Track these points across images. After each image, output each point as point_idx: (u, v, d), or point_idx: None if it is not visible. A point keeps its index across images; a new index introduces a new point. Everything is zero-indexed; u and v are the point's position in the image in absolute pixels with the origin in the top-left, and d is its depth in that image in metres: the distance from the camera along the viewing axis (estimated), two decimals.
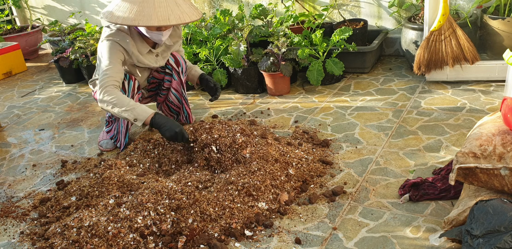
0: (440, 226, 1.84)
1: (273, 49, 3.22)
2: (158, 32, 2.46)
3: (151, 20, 2.30)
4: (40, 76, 4.49)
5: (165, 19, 2.32)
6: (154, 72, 2.82)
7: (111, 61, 2.47)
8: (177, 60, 2.77)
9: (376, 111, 2.90)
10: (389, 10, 3.72)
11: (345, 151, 2.49)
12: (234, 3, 4.22)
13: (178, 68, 2.77)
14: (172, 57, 2.77)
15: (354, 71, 3.58)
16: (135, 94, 2.68)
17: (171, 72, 2.77)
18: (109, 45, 2.49)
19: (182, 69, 2.79)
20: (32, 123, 3.37)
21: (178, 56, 2.79)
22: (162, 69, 2.79)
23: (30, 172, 2.67)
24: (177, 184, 2.12)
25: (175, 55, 2.78)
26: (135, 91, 2.66)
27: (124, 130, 2.72)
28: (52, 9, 5.27)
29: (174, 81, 2.79)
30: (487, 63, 3.05)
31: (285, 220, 1.99)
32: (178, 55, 2.80)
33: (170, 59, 2.76)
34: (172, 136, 2.35)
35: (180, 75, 2.79)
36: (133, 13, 2.32)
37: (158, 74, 2.82)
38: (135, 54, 2.56)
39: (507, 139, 1.66)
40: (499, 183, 1.60)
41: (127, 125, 2.72)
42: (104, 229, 1.91)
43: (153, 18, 2.30)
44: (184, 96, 2.85)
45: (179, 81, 2.80)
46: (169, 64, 2.77)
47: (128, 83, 2.60)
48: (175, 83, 2.80)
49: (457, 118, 2.68)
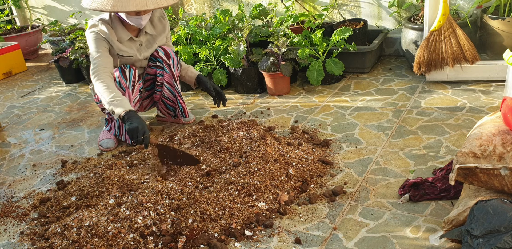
0: (440, 226, 1.84)
1: (273, 49, 3.22)
2: (138, 16, 2.54)
3: (129, 5, 2.39)
4: (40, 76, 4.49)
5: (143, 4, 2.40)
6: (147, 69, 2.84)
7: (98, 50, 2.57)
8: (167, 52, 2.79)
9: (376, 111, 2.90)
10: (389, 10, 3.72)
11: (345, 151, 2.49)
12: (234, 3, 4.22)
13: (168, 60, 2.78)
14: (162, 50, 2.79)
15: (354, 71, 3.58)
16: (136, 83, 2.69)
17: (162, 65, 2.79)
18: (93, 36, 2.59)
19: (173, 61, 2.80)
20: (32, 123, 3.37)
21: (168, 49, 2.81)
22: (153, 63, 2.80)
23: (30, 172, 2.67)
24: (177, 184, 2.12)
25: (164, 48, 2.80)
26: (135, 79, 2.67)
27: None
28: (52, 9, 5.27)
29: (166, 74, 2.81)
30: (487, 63, 3.05)
31: (285, 220, 1.99)
32: (167, 48, 2.82)
33: (159, 52, 2.78)
34: (131, 129, 2.31)
35: (171, 68, 2.80)
36: (111, 0, 2.40)
37: (150, 70, 2.84)
38: (115, 43, 2.62)
39: (507, 139, 1.66)
40: (499, 183, 1.60)
41: None
42: (104, 229, 1.91)
43: (131, 3, 2.39)
44: (177, 89, 2.85)
45: (171, 75, 2.81)
46: (159, 56, 2.78)
47: (129, 71, 2.63)
48: (167, 77, 2.82)
49: (457, 118, 2.68)
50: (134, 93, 2.70)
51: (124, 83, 2.62)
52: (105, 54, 2.58)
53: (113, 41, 2.62)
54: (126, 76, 2.62)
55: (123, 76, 2.61)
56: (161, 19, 2.80)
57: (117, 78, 2.61)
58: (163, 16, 2.81)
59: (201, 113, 3.19)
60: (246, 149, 2.37)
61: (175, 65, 2.82)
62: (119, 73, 2.62)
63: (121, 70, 2.62)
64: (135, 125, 2.32)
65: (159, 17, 2.79)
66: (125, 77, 2.62)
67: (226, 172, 2.22)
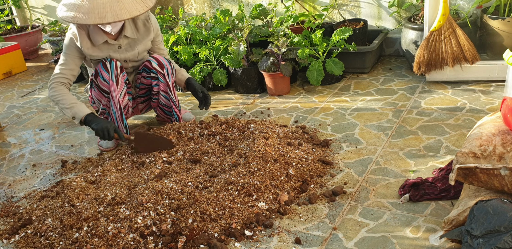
0: (440, 226, 1.84)
1: (273, 49, 3.22)
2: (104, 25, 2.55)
3: (89, 18, 2.40)
4: (40, 76, 4.49)
5: (101, 17, 2.40)
6: (142, 79, 2.83)
7: (66, 58, 2.65)
8: (160, 63, 2.76)
9: (376, 111, 2.90)
10: (389, 10, 3.72)
11: (345, 151, 2.49)
12: (234, 3, 4.22)
13: (163, 70, 2.76)
14: (155, 60, 2.76)
15: (354, 71, 3.58)
16: (119, 74, 2.66)
17: (157, 76, 2.77)
18: (67, 42, 2.65)
19: (167, 71, 2.78)
20: (32, 123, 3.37)
21: (160, 58, 2.78)
22: (147, 74, 2.79)
23: (30, 172, 2.67)
24: (177, 184, 2.12)
25: (157, 58, 2.77)
26: (118, 71, 2.65)
27: (119, 115, 2.72)
28: (52, 9, 5.27)
29: (162, 84, 2.79)
30: (487, 63, 3.05)
31: (285, 220, 1.99)
32: (160, 57, 2.79)
33: (152, 63, 2.76)
34: (98, 129, 2.49)
35: (166, 77, 2.78)
36: (74, 11, 2.43)
37: (145, 80, 2.83)
38: (85, 51, 2.63)
39: (507, 139, 1.66)
40: (499, 183, 1.60)
41: (119, 109, 2.71)
42: (104, 229, 1.91)
43: (90, 16, 2.39)
44: (172, 98, 2.84)
45: (166, 84, 2.79)
46: (152, 68, 2.76)
47: (109, 63, 2.63)
48: (162, 86, 2.80)
49: (457, 118, 2.68)
50: (120, 85, 2.67)
51: (106, 75, 2.62)
52: (71, 63, 2.64)
53: (83, 48, 2.62)
54: (108, 68, 2.62)
55: (105, 69, 2.62)
56: (145, 23, 2.75)
57: (99, 71, 2.62)
58: (148, 20, 2.75)
59: (201, 113, 3.19)
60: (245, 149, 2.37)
61: (169, 74, 2.80)
62: (100, 66, 2.63)
63: (102, 64, 2.63)
64: (101, 125, 2.47)
65: (143, 20, 2.74)
66: (106, 70, 2.62)
67: (226, 171, 2.22)
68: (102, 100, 2.73)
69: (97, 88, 2.70)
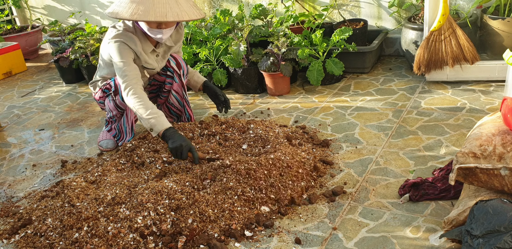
0: (440, 226, 1.84)
1: (273, 49, 3.22)
2: (158, 30, 2.44)
3: (149, 15, 2.31)
4: (40, 76, 4.49)
5: (162, 15, 2.32)
6: (156, 75, 2.81)
7: (125, 61, 2.46)
8: (178, 62, 2.76)
9: (376, 111, 2.90)
10: (389, 10, 3.72)
11: (345, 151, 2.49)
12: (234, 3, 4.22)
13: (179, 70, 2.76)
14: (174, 59, 2.76)
15: (354, 71, 3.58)
16: None
17: (173, 75, 2.77)
18: (119, 46, 2.48)
19: (183, 71, 2.79)
20: (32, 123, 3.37)
21: (179, 58, 2.78)
22: (164, 72, 2.79)
23: (30, 172, 2.67)
24: (177, 184, 2.12)
25: (176, 58, 2.77)
26: None
27: (129, 130, 2.76)
28: (52, 9, 5.27)
29: (175, 83, 2.79)
30: (487, 63, 3.05)
31: (285, 220, 1.99)
32: (179, 57, 2.79)
33: (171, 62, 2.75)
34: (174, 148, 2.27)
35: (181, 77, 2.78)
36: (132, 8, 2.33)
37: (159, 77, 2.82)
38: (142, 55, 2.55)
39: (507, 139, 1.66)
40: (499, 183, 1.60)
41: (131, 126, 2.75)
42: (104, 229, 1.91)
43: (150, 13, 2.31)
44: (185, 98, 2.85)
45: (180, 84, 2.79)
46: (170, 66, 2.76)
47: None
48: (176, 86, 2.80)
49: (457, 118, 2.68)
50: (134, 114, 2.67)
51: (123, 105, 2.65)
52: (133, 65, 2.48)
53: (141, 53, 2.54)
54: None
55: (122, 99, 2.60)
56: (178, 29, 2.73)
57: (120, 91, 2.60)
58: (181, 26, 2.73)
59: (201, 113, 3.19)
60: None
61: (185, 74, 2.81)
62: None
63: None
64: (177, 143, 2.26)
65: (177, 27, 2.71)
66: None
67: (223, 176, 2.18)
68: (114, 111, 2.74)
69: (113, 102, 2.69)
